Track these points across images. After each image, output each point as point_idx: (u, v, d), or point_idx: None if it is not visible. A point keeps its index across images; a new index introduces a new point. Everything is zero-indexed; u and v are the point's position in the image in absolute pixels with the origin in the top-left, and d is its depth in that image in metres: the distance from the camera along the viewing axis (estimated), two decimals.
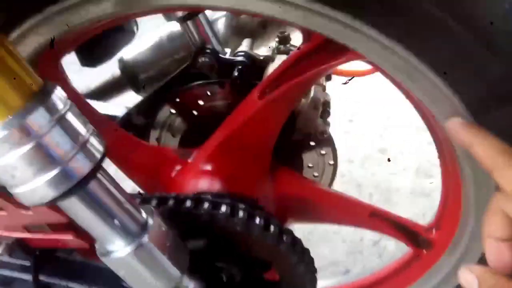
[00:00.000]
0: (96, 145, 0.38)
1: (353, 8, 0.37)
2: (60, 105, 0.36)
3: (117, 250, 0.43)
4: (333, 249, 1.37)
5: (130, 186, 0.73)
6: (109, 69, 0.96)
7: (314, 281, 0.57)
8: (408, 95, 0.49)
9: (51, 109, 0.35)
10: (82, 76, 0.92)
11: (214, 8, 0.68)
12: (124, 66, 0.89)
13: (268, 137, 0.60)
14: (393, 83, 0.49)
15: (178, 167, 0.67)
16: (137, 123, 0.80)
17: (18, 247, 0.60)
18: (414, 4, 0.35)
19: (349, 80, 0.76)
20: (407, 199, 1.59)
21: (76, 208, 0.40)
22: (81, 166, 0.37)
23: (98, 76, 1.00)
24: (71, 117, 0.37)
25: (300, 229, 0.66)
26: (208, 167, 0.62)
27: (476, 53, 0.37)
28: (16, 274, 0.58)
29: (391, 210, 1.61)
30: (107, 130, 0.64)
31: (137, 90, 0.91)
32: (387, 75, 0.47)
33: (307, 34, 0.51)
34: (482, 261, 0.61)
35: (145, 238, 0.43)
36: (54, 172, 0.36)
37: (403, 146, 1.91)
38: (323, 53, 0.49)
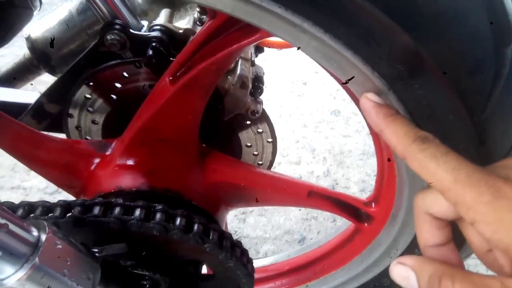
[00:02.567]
0: None
1: None
2: None
3: (5, 277, 0.37)
4: (288, 218, 1.37)
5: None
6: (18, 50, 0.85)
7: (249, 272, 0.54)
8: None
9: None
10: None
11: None
12: (33, 44, 0.78)
13: (187, 123, 0.54)
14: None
15: (96, 161, 0.61)
16: (50, 111, 0.71)
17: None
18: None
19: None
20: (360, 160, 1.60)
21: None
22: None
23: (6, 58, 0.88)
24: None
25: None
26: (127, 161, 0.56)
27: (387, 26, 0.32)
28: None
29: (345, 173, 1.61)
30: (4, 126, 0.55)
31: (52, 71, 0.81)
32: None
33: (212, 11, 0.44)
34: None
35: (36, 260, 0.38)
36: None
37: (356, 107, 1.90)
38: (233, 31, 0.42)
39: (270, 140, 0.74)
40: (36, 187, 1.42)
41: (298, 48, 0.37)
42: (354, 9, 0.33)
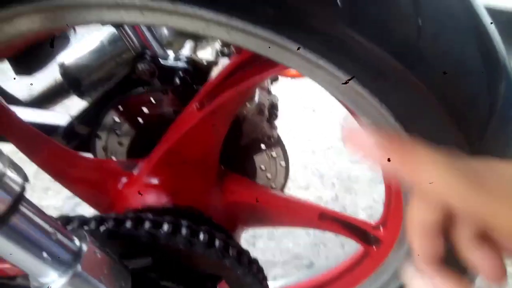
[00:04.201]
0: (13, 178, 0.36)
1: (273, 24, 0.36)
2: None
3: (49, 282, 0.41)
4: (297, 242, 1.39)
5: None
6: (51, 75, 0.92)
7: None
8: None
9: None
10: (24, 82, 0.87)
11: (136, 24, 0.65)
12: (65, 71, 0.85)
13: (210, 147, 0.59)
14: None
15: (124, 180, 0.65)
16: (80, 132, 0.76)
17: None
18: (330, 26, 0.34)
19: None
20: (367, 186, 1.63)
21: (0, 244, 0.37)
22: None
23: (40, 82, 0.95)
24: None
25: None
26: (153, 180, 0.61)
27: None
28: None
29: (353, 199, 1.64)
30: (41, 145, 0.61)
31: (81, 95, 0.87)
32: None
33: (238, 47, 0.50)
34: None
35: (78, 268, 0.42)
36: None
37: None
38: (256, 64, 0.48)
39: (283, 164, 0.79)
40: (52, 206, 1.46)
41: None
42: (361, 50, 0.38)
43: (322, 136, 1.90)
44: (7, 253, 0.38)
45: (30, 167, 0.62)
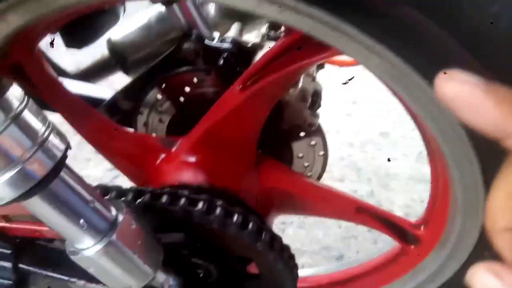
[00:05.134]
0: (56, 143, 0.37)
1: (329, 3, 0.34)
2: (15, 103, 0.34)
3: (85, 248, 0.42)
4: (327, 233, 1.37)
5: None
6: (99, 50, 0.94)
7: (294, 277, 0.56)
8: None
9: (5, 107, 0.33)
10: (75, 55, 0.90)
11: None
12: (112, 47, 0.86)
13: (250, 129, 0.58)
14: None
15: (162, 156, 0.66)
16: (123, 107, 0.78)
17: None
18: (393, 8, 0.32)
19: (349, 80, 0.74)
20: (406, 185, 1.57)
21: (40, 208, 0.39)
22: (41, 166, 0.36)
23: (89, 56, 0.97)
24: (27, 116, 0.35)
25: None
26: (190, 158, 0.61)
27: None
28: None
29: (389, 196, 1.60)
30: (87, 116, 0.62)
31: (127, 71, 0.89)
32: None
33: (288, 28, 0.48)
34: (471, 258, 0.61)
35: (113, 237, 0.42)
36: (12, 172, 0.35)
37: (406, 130, 1.87)
38: (305, 48, 0.46)
39: (321, 153, 0.77)
40: (93, 176, 1.52)
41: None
42: (425, 34, 0.35)
43: (362, 129, 1.84)
44: (45, 217, 0.39)
45: (74, 138, 0.64)
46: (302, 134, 0.73)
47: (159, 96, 0.73)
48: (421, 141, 0.61)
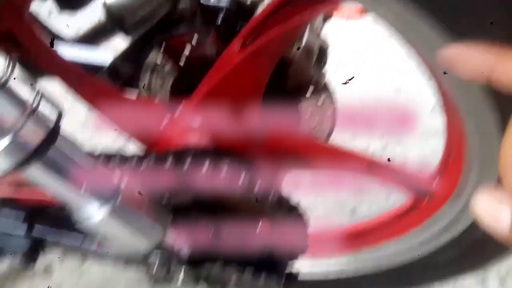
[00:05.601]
0: (48, 111, 0.35)
1: None
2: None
3: (90, 216, 0.42)
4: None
5: None
6: (96, 14, 0.91)
7: (304, 236, 0.56)
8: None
9: None
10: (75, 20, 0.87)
11: None
12: (108, 10, 0.83)
13: (252, 90, 0.55)
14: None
15: (165, 120, 0.64)
16: (124, 71, 0.76)
17: (10, 203, 0.61)
18: None
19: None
20: (419, 139, 1.53)
21: (40, 178, 0.38)
22: (34, 134, 0.35)
23: (86, 21, 0.94)
24: (14, 84, 0.33)
25: None
26: (193, 121, 0.59)
27: None
28: (8, 230, 0.59)
29: (402, 151, 1.57)
30: (86, 81, 0.61)
31: (127, 33, 0.86)
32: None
33: None
34: None
35: (118, 201, 0.42)
36: (6, 142, 0.34)
37: (421, 84, 1.81)
38: None
39: (329, 114, 0.74)
40: (103, 144, 1.53)
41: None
42: None
43: (370, 90, 1.79)
44: (47, 186, 0.38)
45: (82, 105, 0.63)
46: (308, 94, 0.71)
47: (159, 58, 0.70)
48: (433, 96, 0.58)
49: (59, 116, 0.36)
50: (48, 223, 0.60)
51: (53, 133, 0.35)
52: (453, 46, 0.29)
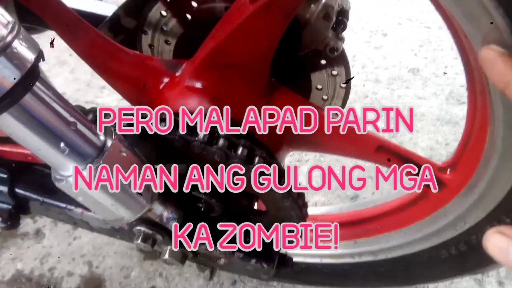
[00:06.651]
0: (23, 51, 0.31)
1: None
2: None
3: (69, 175, 0.38)
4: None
5: None
6: None
7: (302, 216, 0.52)
8: (439, 7, 0.37)
9: None
10: None
11: None
12: None
13: (261, 50, 0.50)
14: None
15: (165, 80, 0.60)
16: (126, 26, 0.71)
17: None
18: None
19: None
20: (432, 126, 1.48)
21: (13, 128, 0.34)
22: (7, 75, 0.30)
23: None
24: None
25: None
26: (195, 83, 0.54)
27: None
28: None
29: (412, 137, 1.51)
30: (82, 32, 0.56)
31: None
32: None
33: None
34: (499, 208, 0.55)
35: (101, 162, 0.38)
36: None
37: (438, 67, 1.73)
38: None
39: (343, 85, 0.68)
40: (107, 104, 1.49)
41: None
42: None
43: (390, 65, 1.71)
44: (21, 138, 0.34)
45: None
46: (323, 61, 0.65)
47: (164, 12, 0.65)
48: (454, 80, 0.53)
49: (38, 58, 0.31)
50: (33, 182, 0.57)
51: (30, 77, 0.31)
52: (492, 47, 0.31)
